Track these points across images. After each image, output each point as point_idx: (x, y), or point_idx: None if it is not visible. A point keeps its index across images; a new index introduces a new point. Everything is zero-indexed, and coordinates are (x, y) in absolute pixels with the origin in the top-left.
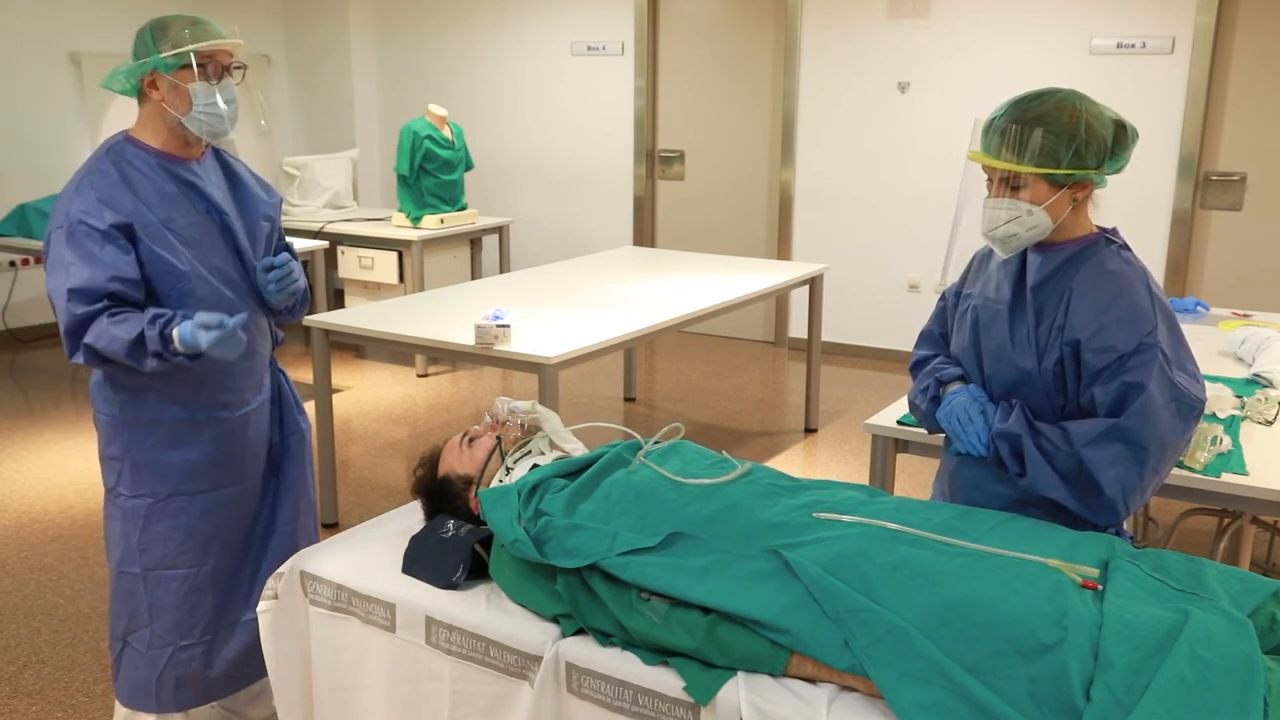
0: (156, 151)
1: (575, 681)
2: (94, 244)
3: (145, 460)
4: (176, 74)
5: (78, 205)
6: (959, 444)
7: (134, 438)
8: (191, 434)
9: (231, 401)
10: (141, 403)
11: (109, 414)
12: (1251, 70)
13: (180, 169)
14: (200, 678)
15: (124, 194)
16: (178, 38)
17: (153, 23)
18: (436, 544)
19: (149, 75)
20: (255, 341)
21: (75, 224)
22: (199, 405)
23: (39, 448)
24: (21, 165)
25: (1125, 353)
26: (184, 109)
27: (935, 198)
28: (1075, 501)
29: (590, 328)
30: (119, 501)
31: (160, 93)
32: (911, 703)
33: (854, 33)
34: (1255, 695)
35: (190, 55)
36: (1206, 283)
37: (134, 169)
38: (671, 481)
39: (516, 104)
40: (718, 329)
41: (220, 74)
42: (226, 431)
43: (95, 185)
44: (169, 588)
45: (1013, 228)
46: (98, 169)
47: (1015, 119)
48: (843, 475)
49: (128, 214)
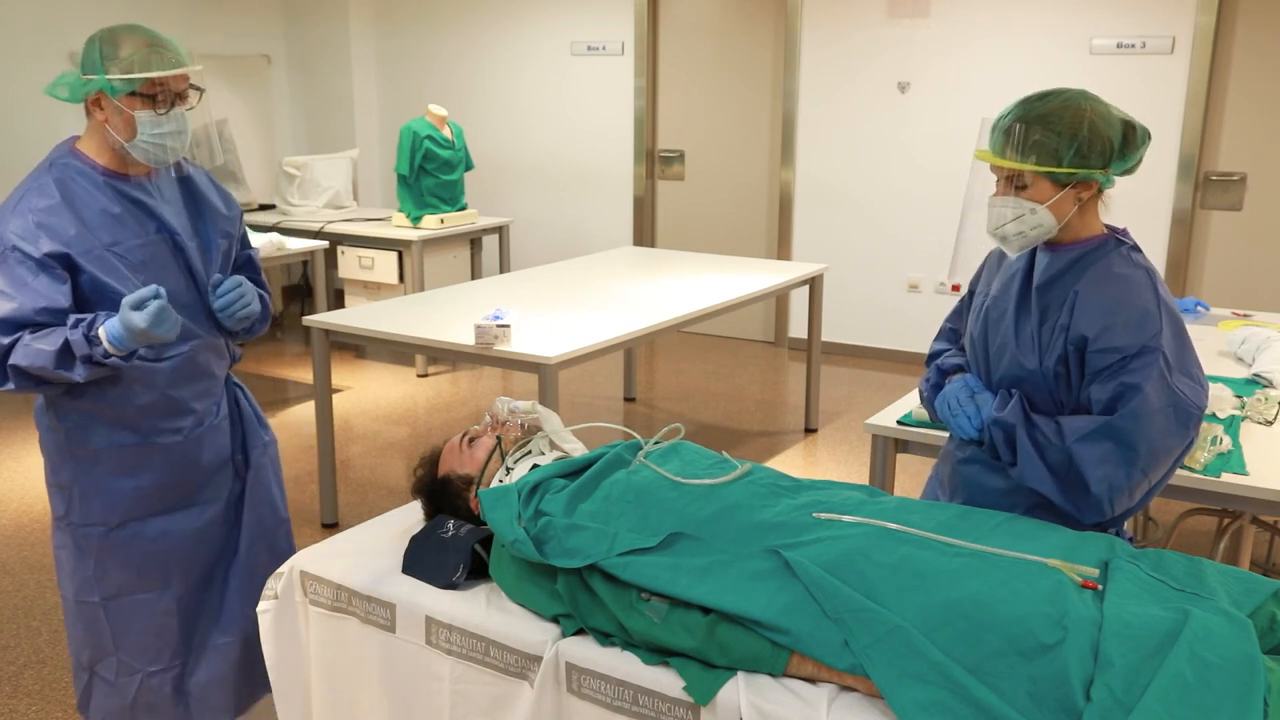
0: (103, 168)
1: (575, 681)
2: (27, 271)
3: (94, 489)
4: (123, 99)
5: (14, 227)
6: (951, 428)
7: (81, 466)
8: (142, 460)
9: (184, 426)
10: (88, 430)
11: (54, 441)
12: (1251, 70)
13: (128, 187)
14: (172, 704)
15: (64, 218)
16: (128, 61)
17: (104, 36)
18: (436, 544)
19: (94, 94)
20: (210, 363)
21: (9, 249)
22: (149, 430)
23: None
24: (21, 165)
25: (1128, 354)
26: (127, 135)
27: (935, 197)
28: (1061, 496)
29: (590, 328)
30: (69, 531)
31: (104, 114)
32: (911, 703)
33: (854, 32)
34: (1255, 695)
35: (141, 82)
36: (1206, 283)
37: (78, 187)
38: (671, 482)
39: (516, 104)
40: (718, 329)
41: (171, 101)
42: (179, 456)
43: (34, 208)
44: (132, 614)
45: (1017, 226)
46: (39, 188)
47: (1019, 117)
48: (843, 475)
49: (66, 242)
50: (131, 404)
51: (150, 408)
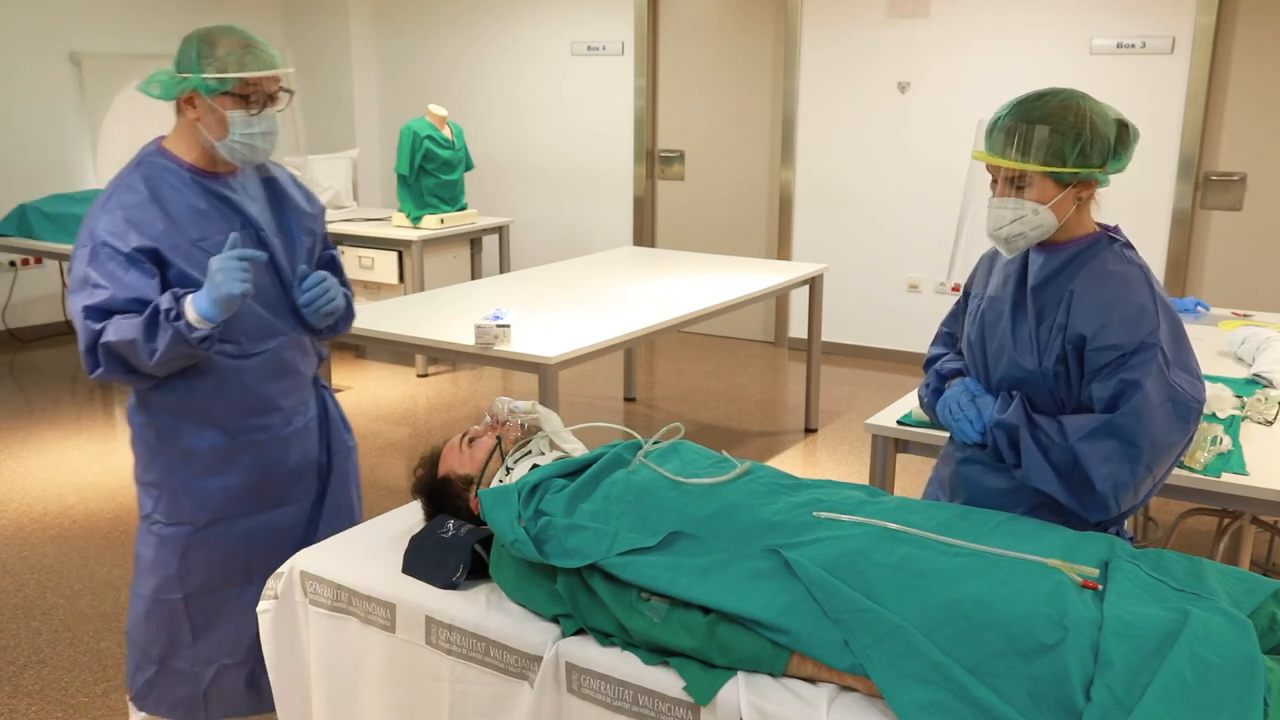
0: (190, 166)
1: (575, 681)
2: (117, 266)
3: (183, 487)
4: (216, 98)
5: (104, 225)
6: (954, 433)
7: (170, 464)
8: (230, 459)
9: (272, 424)
10: (177, 429)
11: (145, 439)
12: (1251, 70)
13: (215, 184)
14: (244, 694)
15: (153, 214)
16: (224, 61)
17: (200, 36)
18: (436, 544)
19: (188, 93)
20: (296, 361)
21: (99, 245)
22: (237, 429)
23: (39, 448)
24: (21, 165)
25: (1126, 351)
26: (219, 134)
27: (935, 198)
28: (1067, 495)
29: (590, 328)
30: (154, 529)
31: (197, 113)
32: (911, 703)
33: (854, 32)
34: (1255, 695)
35: (235, 82)
36: (1206, 283)
37: (166, 185)
38: (671, 481)
39: (516, 104)
40: (718, 329)
41: (264, 102)
42: (267, 456)
43: (123, 204)
44: (214, 610)
45: (1018, 227)
46: (127, 185)
47: (1021, 118)
48: (843, 475)
49: (154, 236)
50: (220, 401)
51: (238, 405)
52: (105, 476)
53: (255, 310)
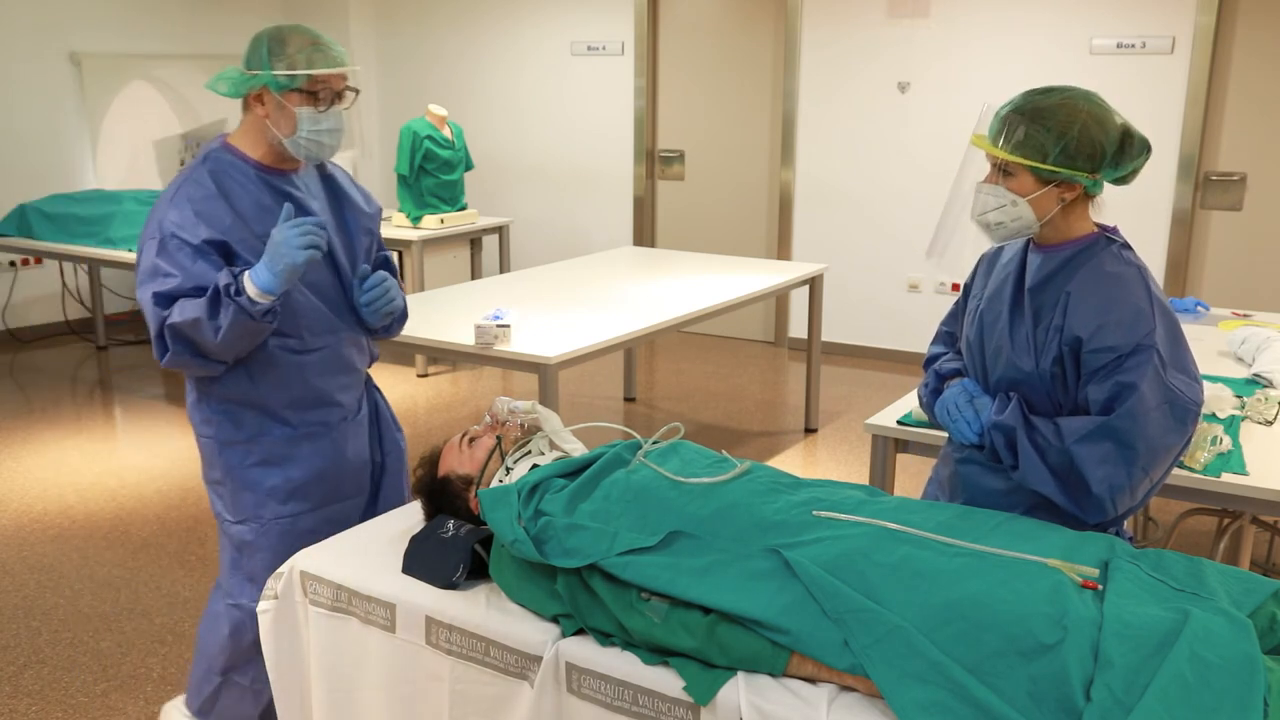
0: (255, 162)
1: (575, 681)
2: (186, 257)
3: (244, 481)
4: (286, 95)
5: (173, 217)
6: (952, 433)
7: (233, 458)
8: (291, 450)
9: (330, 419)
10: (238, 421)
11: (207, 435)
12: (1251, 70)
13: (279, 181)
14: None
15: (220, 208)
16: (294, 58)
17: (270, 34)
18: (436, 544)
19: (258, 90)
20: (353, 358)
21: (168, 236)
22: (297, 421)
23: (39, 448)
24: (21, 165)
25: (1122, 353)
26: (287, 130)
27: (935, 197)
28: (1064, 497)
29: (590, 328)
30: (226, 529)
31: (265, 109)
32: (911, 702)
33: (854, 32)
34: (1255, 695)
35: (304, 79)
36: (1206, 283)
37: (231, 180)
38: (671, 481)
39: (516, 104)
40: (718, 329)
41: (331, 99)
42: (326, 446)
43: (191, 197)
44: None
45: (998, 215)
46: (195, 180)
47: (1016, 108)
48: (843, 475)
49: (223, 230)
50: (281, 394)
51: (298, 399)
52: (105, 476)
53: (316, 306)
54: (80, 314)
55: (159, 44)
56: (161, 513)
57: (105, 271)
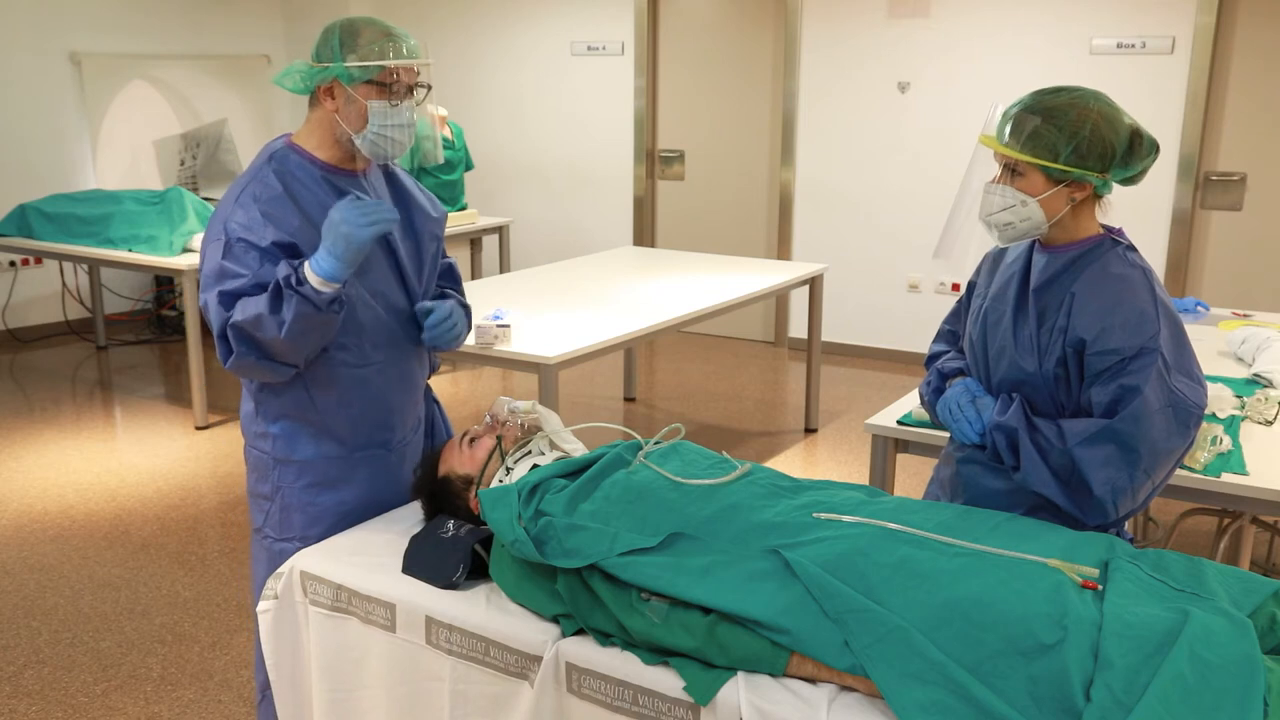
0: (322, 163)
1: (575, 681)
2: (252, 260)
3: (296, 501)
4: (358, 87)
5: (239, 219)
6: (953, 433)
7: (287, 476)
8: (347, 473)
9: (390, 438)
10: (294, 440)
11: (262, 450)
12: (1251, 70)
13: (346, 183)
14: None
15: (288, 209)
16: (367, 50)
17: (342, 25)
18: (436, 544)
19: (328, 83)
20: (414, 370)
21: (234, 240)
22: (356, 444)
23: (39, 448)
24: (21, 165)
25: (1126, 356)
26: (357, 126)
27: (935, 198)
28: (1065, 499)
29: (590, 328)
30: (265, 544)
31: (335, 104)
32: (911, 703)
33: (854, 32)
34: (1255, 695)
35: (378, 70)
36: (1206, 283)
37: (297, 181)
38: (672, 482)
39: (516, 104)
40: (718, 329)
41: (404, 94)
42: (382, 469)
43: (258, 198)
44: None
45: (1006, 216)
46: (260, 179)
47: (1026, 107)
48: (843, 475)
49: (291, 232)
50: (343, 412)
51: (360, 416)
52: (105, 476)
53: (380, 316)
54: (80, 314)
55: (159, 44)
56: (161, 513)
57: (105, 271)
